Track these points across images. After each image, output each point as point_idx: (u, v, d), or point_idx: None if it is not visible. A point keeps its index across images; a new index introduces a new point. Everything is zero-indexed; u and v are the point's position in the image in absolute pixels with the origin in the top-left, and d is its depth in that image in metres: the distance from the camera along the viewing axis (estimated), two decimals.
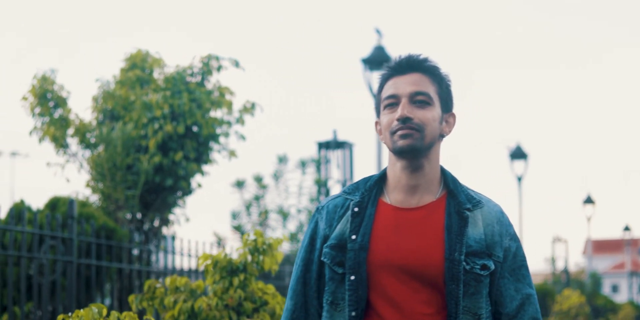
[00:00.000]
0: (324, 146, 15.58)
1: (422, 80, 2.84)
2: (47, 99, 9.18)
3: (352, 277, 2.78)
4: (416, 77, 2.84)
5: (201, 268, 5.16)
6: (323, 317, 2.85)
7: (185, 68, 9.50)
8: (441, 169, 2.90)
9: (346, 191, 2.92)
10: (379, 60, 14.22)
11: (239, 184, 14.20)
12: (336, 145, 15.54)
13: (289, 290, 2.94)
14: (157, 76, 9.61)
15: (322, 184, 14.56)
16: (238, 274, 5.03)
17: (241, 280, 5.00)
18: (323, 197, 14.25)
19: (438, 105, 2.84)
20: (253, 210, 14.10)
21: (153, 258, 8.77)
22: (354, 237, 2.81)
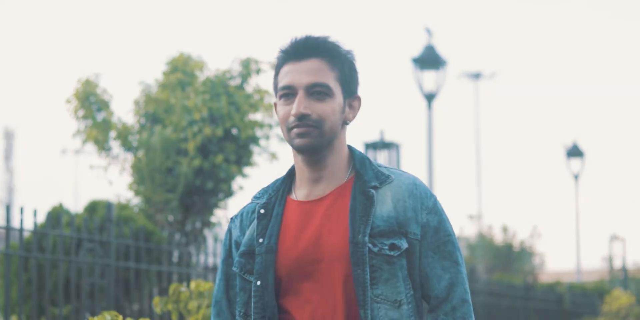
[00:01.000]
0: (371, 147, 15.50)
1: (321, 67, 2.58)
2: (91, 102, 9.30)
3: (258, 283, 2.56)
4: (314, 64, 2.58)
5: None
6: None
7: (224, 71, 9.55)
8: (351, 151, 2.68)
9: (256, 196, 2.70)
10: (430, 59, 14.28)
11: None
12: (383, 145, 15.46)
13: (212, 307, 2.71)
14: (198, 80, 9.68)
15: None
16: None
17: None
18: None
19: (339, 92, 2.61)
20: None
21: (194, 260, 8.82)
22: (261, 240, 2.59)
